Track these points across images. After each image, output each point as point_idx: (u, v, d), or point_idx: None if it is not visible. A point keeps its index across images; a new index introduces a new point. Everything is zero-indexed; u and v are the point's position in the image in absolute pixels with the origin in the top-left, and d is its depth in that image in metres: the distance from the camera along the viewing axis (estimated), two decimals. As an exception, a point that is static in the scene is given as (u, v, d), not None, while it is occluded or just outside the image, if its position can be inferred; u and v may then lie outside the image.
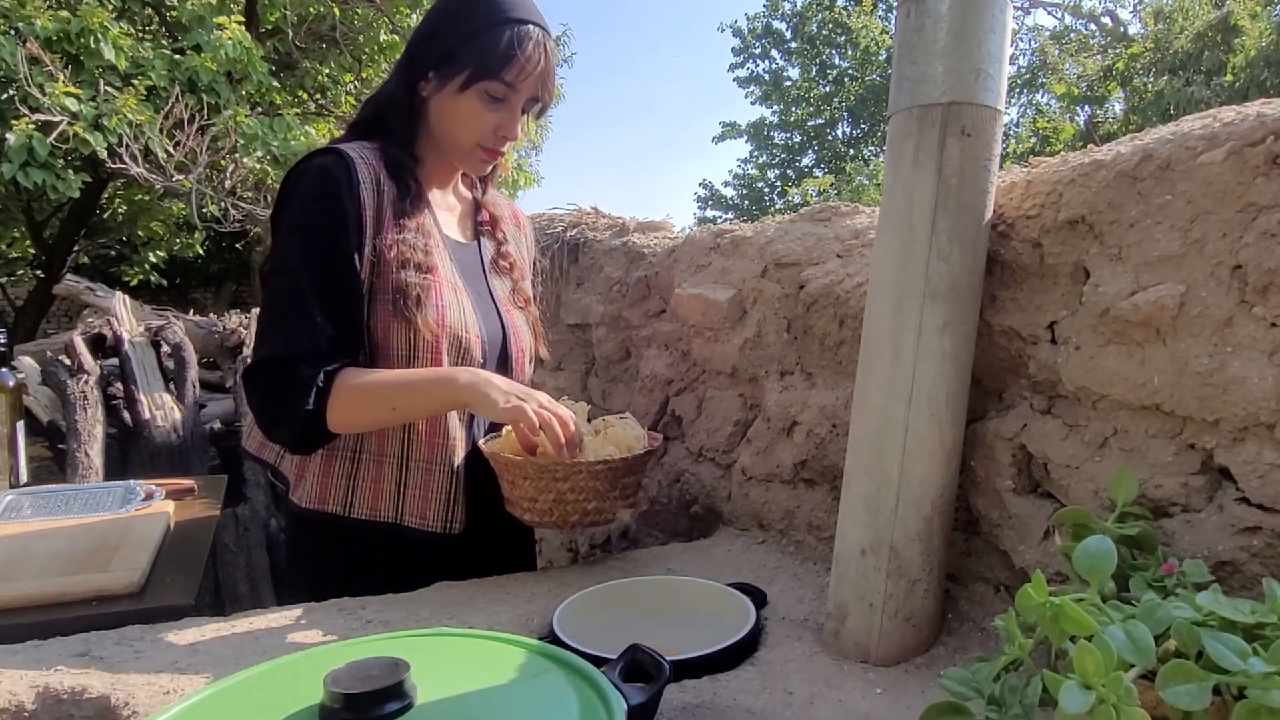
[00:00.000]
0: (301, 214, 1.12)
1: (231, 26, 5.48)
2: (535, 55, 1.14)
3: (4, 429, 1.70)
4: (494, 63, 1.13)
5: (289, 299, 1.10)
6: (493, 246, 1.35)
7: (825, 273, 1.24)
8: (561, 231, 2.06)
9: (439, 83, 1.17)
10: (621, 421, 1.24)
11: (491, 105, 1.16)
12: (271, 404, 1.11)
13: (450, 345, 1.17)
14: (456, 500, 1.21)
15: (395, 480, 1.19)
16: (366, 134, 1.20)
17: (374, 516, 1.18)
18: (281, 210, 1.15)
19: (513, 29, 1.13)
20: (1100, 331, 0.85)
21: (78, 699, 0.80)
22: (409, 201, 1.17)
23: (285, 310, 1.11)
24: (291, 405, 1.07)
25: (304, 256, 1.11)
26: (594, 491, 1.14)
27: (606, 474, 1.14)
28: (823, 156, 18.12)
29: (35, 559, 1.24)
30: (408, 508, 1.19)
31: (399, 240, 1.14)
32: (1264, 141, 0.72)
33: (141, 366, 3.43)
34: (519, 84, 1.16)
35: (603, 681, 0.63)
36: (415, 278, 1.14)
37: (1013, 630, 0.66)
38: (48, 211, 7.64)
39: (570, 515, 1.14)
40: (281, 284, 1.11)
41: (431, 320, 1.15)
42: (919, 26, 0.88)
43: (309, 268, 1.10)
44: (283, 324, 1.10)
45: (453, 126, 1.19)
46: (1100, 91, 13.41)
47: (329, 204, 1.10)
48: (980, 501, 1.01)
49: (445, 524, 1.20)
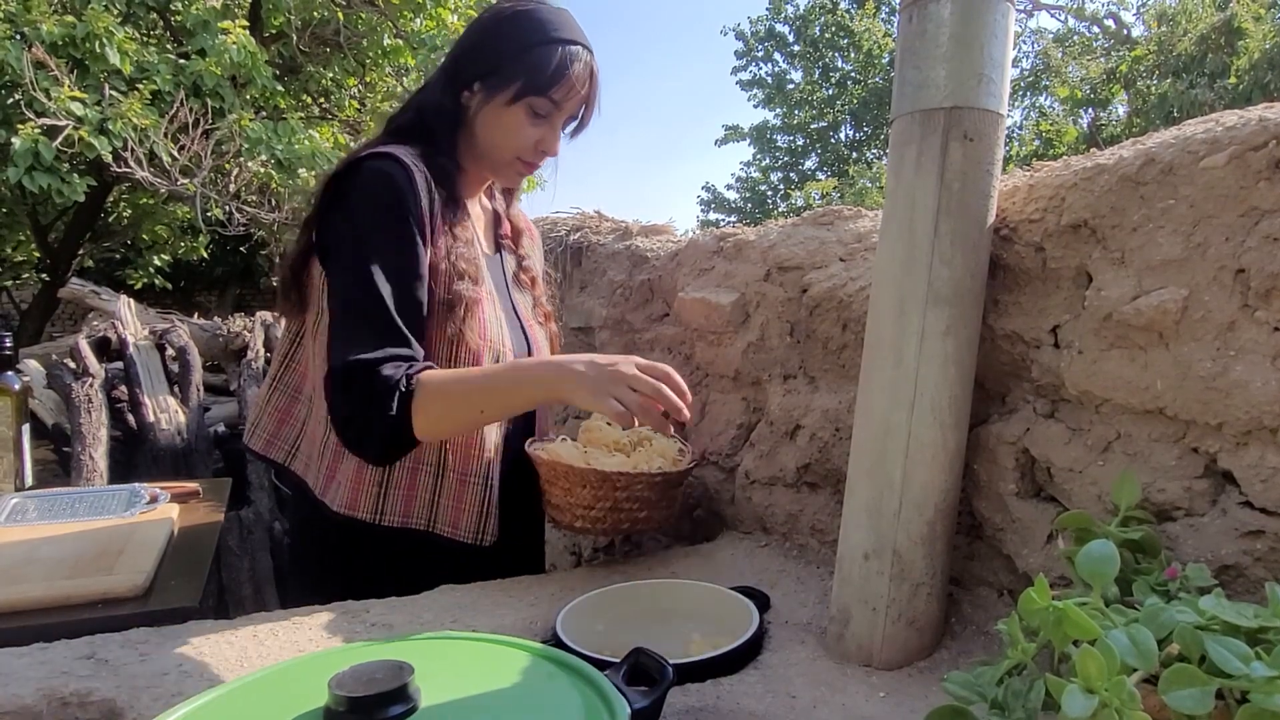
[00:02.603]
0: (373, 219, 1.08)
1: (236, 31, 5.50)
2: (583, 76, 1.16)
3: (9, 432, 1.70)
4: (544, 80, 1.14)
5: (371, 306, 1.06)
6: (514, 260, 1.36)
7: (828, 276, 1.24)
8: (565, 235, 2.06)
9: (485, 95, 1.17)
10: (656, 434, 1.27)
11: (535, 121, 1.17)
12: (357, 410, 1.04)
13: (490, 358, 1.17)
14: (490, 513, 1.20)
15: (430, 488, 1.18)
16: (407, 139, 1.17)
17: (406, 523, 1.17)
18: (338, 210, 1.11)
19: (564, 49, 1.15)
20: (1103, 335, 0.85)
21: (83, 701, 0.80)
22: (458, 211, 1.17)
23: (369, 317, 1.06)
24: (377, 410, 1.03)
25: (383, 262, 1.07)
26: (646, 501, 1.17)
27: (663, 484, 1.16)
28: (825, 159, 18.11)
29: (41, 562, 1.25)
30: (440, 517, 1.18)
31: (453, 250, 1.13)
32: (1266, 146, 0.72)
33: (146, 370, 3.44)
34: (565, 102, 1.17)
35: (606, 685, 0.63)
36: (468, 290, 1.14)
37: (1015, 634, 0.66)
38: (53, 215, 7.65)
39: (623, 523, 1.17)
40: (360, 292, 1.06)
41: (478, 332, 1.15)
42: (921, 31, 0.88)
43: (388, 274, 1.07)
44: (366, 328, 1.06)
45: (496, 138, 1.19)
46: (1103, 94, 13.40)
47: (399, 210, 1.08)
48: (983, 505, 1.01)
49: (477, 535, 1.19)
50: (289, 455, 1.26)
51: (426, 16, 6.92)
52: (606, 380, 1.00)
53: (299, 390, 1.26)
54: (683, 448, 1.30)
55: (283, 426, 1.27)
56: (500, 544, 1.23)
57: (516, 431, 1.28)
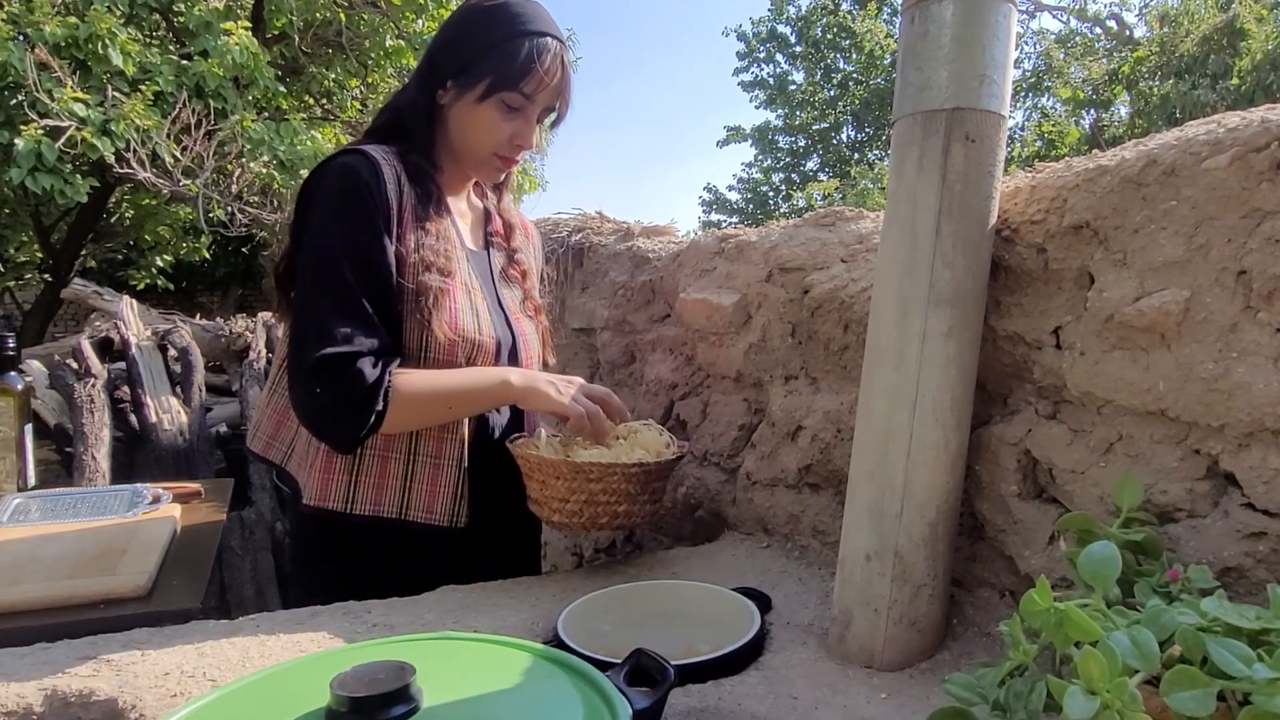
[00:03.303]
0: (337, 210, 1.10)
1: (238, 32, 5.51)
2: (553, 67, 1.17)
3: (12, 432, 1.70)
4: (513, 74, 1.15)
5: (339, 294, 1.08)
6: (503, 256, 1.36)
7: (830, 277, 1.24)
8: (566, 236, 2.06)
9: (458, 92, 1.18)
10: (647, 427, 1.26)
11: (508, 115, 1.18)
12: (336, 403, 1.07)
13: (464, 348, 1.18)
14: (463, 495, 1.21)
15: (401, 475, 1.19)
16: (385, 139, 1.20)
17: (377, 513, 1.17)
18: (309, 208, 1.13)
19: (531, 41, 1.15)
20: (1105, 337, 0.85)
21: (85, 702, 0.80)
22: (430, 206, 1.18)
23: (338, 305, 1.08)
24: (357, 405, 1.06)
25: (347, 251, 1.09)
26: (625, 494, 1.15)
27: (639, 477, 1.15)
28: (827, 160, 18.11)
29: (43, 562, 1.25)
30: (413, 503, 1.19)
31: (421, 243, 1.14)
32: (1268, 147, 0.72)
33: (148, 370, 3.45)
34: (536, 95, 1.18)
35: (607, 686, 0.63)
36: (436, 280, 1.14)
37: (1017, 636, 0.66)
38: (55, 216, 7.67)
39: (600, 517, 1.15)
40: (327, 280, 1.08)
41: (445, 323, 1.15)
42: (923, 33, 0.88)
43: (353, 263, 1.08)
44: (339, 319, 1.07)
45: (470, 134, 1.20)
46: (1105, 95, 13.39)
47: (362, 200, 1.10)
48: (985, 507, 1.01)
49: (452, 518, 1.20)
50: (285, 456, 1.26)
51: (428, 18, 6.93)
52: (561, 383, 1.18)
53: None
54: (670, 441, 1.28)
55: (280, 429, 1.27)
56: (498, 538, 1.24)
57: (506, 425, 1.28)
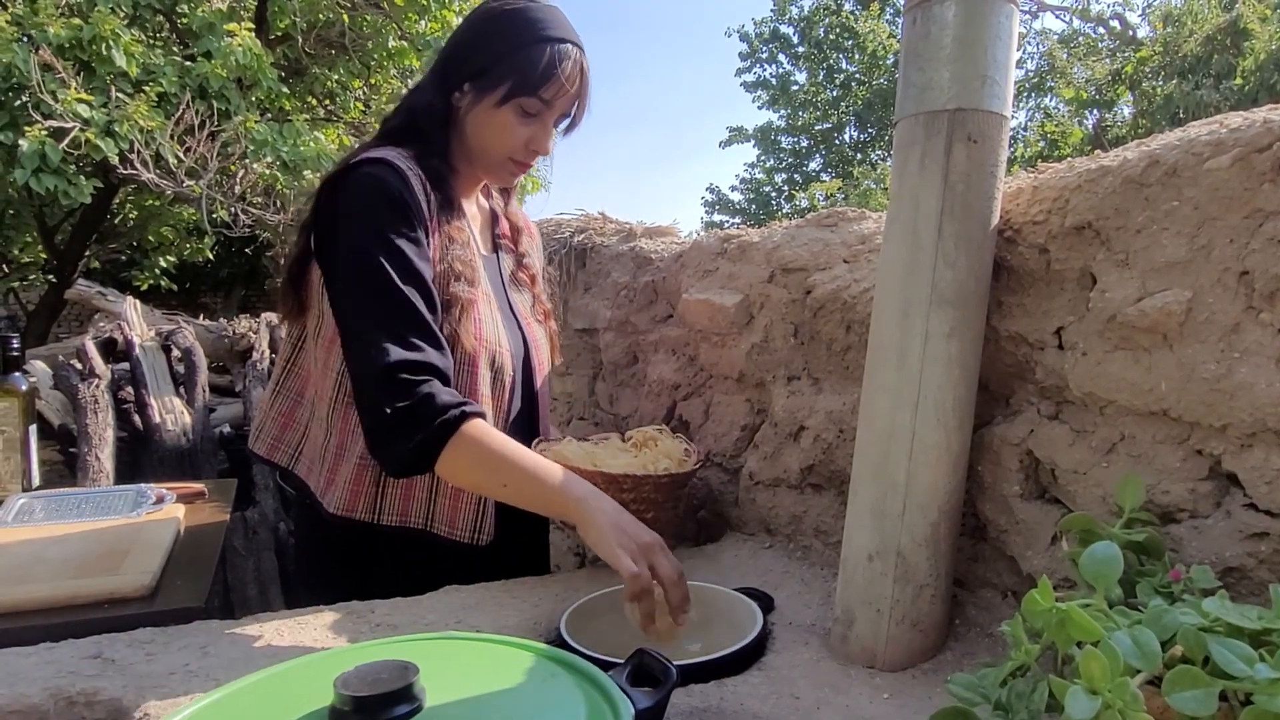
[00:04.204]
0: (377, 223, 1.07)
1: (241, 33, 5.51)
2: (573, 74, 1.16)
3: (16, 433, 1.71)
4: (533, 80, 1.14)
5: (397, 305, 1.04)
6: (512, 259, 1.35)
7: (832, 278, 1.24)
8: (569, 236, 2.06)
9: (475, 95, 1.17)
10: (662, 434, 1.26)
11: (525, 120, 1.17)
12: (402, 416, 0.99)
13: (486, 359, 1.17)
14: (486, 511, 1.20)
15: (427, 488, 1.19)
16: (399, 141, 1.17)
17: (404, 523, 1.18)
18: (338, 220, 1.09)
19: (553, 47, 1.14)
20: (1107, 337, 0.85)
21: (90, 701, 0.81)
22: (452, 212, 1.17)
23: (398, 316, 1.04)
24: (420, 424, 0.99)
25: (396, 264, 1.05)
26: (654, 503, 1.16)
27: (669, 485, 1.15)
28: (830, 161, 18.10)
29: (47, 562, 1.26)
30: (438, 516, 1.18)
31: (449, 252, 1.13)
32: (1270, 147, 0.72)
33: (152, 371, 3.45)
34: (555, 101, 1.17)
35: (610, 685, 0.63)
36: (464, 291, 1.13)
37: (1019, 636, 0.67)
38: (59, 217, 7.69)
39: None
40: (380, 289, 1.04)
41: (472, 334, 1.14)
42: (925, 33, 0.88)
43: (404, 275, 1.05)
44: (404, 329, 1.03)
45: (486, 138, 1.19)
46: (1108, 95, 13.37)
47: (401, 214, 1.08)
48: (987, 507, 1.01)
49: (474, 533, 1.19)
50: (292, 459, 1.26)
51: (431, 19, 6.93)
52: (630, 532, 0.93)
53: (301, 395, 1.26)
54: (688, 448, 1.29)
55: (286, 431, 1.27)
56: (504, 544, 1.23)
57: (518, 432, 1.28)
